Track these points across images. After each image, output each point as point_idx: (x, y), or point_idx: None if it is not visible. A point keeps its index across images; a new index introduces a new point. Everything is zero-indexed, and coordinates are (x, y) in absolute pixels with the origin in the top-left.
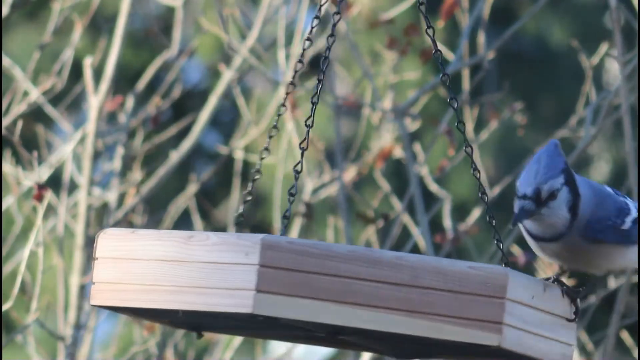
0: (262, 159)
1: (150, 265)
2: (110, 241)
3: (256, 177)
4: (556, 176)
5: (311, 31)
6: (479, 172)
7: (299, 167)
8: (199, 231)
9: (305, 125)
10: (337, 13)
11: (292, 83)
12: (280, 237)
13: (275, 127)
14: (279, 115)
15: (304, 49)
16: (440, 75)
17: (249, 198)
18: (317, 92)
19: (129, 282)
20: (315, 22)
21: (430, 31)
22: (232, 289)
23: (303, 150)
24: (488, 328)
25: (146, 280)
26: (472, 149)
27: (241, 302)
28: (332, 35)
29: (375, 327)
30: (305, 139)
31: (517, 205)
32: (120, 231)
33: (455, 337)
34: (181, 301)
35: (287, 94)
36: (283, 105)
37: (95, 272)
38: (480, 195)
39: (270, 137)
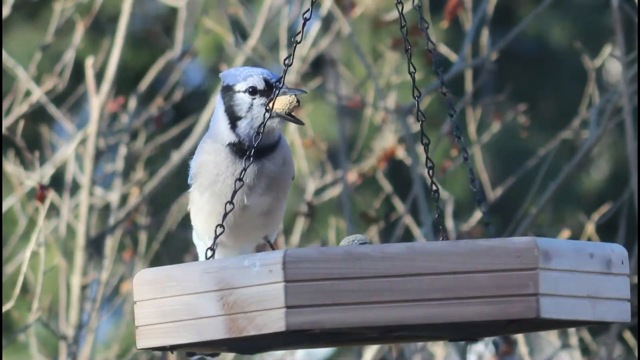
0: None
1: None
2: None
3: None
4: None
5: (301, 32)
6: (478, 179)
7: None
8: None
9: (284, 64)
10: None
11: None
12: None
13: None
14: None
15: (294, 49)
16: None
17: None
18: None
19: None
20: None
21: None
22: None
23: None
24: (525, 302)
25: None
26: (467, 158)
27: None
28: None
29: (416, 321)
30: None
31: (282, 89)
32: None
33: (493, 317)
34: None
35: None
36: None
37: (137, 315)
38: (476, 203)
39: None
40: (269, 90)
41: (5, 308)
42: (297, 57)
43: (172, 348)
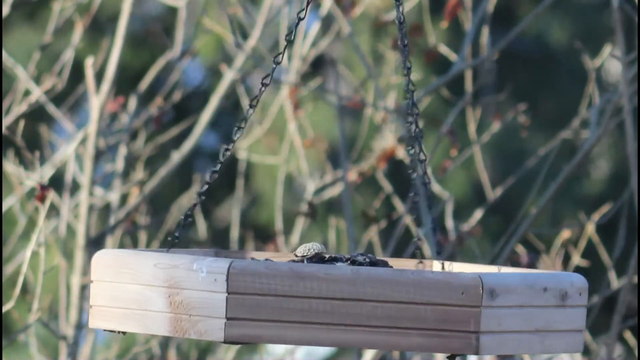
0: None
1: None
2: (102, 265)
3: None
4: None
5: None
6: (425, 155)
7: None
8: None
9: (262, 84)
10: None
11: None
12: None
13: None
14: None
15: (284, 48)
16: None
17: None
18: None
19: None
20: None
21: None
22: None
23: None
24: (465, 338)
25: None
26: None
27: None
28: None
29: (355, 346)
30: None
31: None
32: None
33: (432, 350)
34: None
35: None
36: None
37: (91, 294)
38: (420, 182)
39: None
40: None
41: (5, 308)
42: (297, 57)
43: (123, 332)
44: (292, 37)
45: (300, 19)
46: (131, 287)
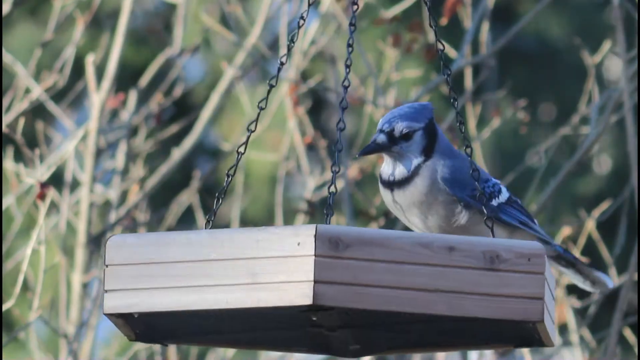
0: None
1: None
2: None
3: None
4: (416, 120)
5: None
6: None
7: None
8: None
9: (258, 107)
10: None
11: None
12: None
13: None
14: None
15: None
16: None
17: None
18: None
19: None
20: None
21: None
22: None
23: (250, 132)
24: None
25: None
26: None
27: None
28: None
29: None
30: (255, 121)
31: (372, 138)
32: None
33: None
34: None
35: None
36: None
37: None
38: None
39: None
40: (392, 142)
41: (5, 307)
42: (298, 54)
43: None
44: (295, 41)
45: (301, 23)
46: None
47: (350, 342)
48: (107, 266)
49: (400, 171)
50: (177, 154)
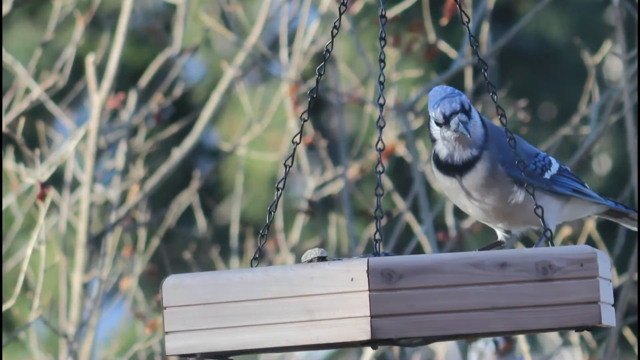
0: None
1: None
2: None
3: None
4: (462, 95)
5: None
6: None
7: (289, 162)
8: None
9: (301, 118)
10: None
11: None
12: None
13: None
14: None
15: (324, 63)
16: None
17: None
18: (316, 87)
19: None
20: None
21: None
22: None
23: (296, 144)
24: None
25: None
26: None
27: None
28: (336, 29)
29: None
30: (299, 133)
31: (452, 123)
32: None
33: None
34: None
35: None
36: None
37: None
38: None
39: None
40: (447, 123)
41: (6, 307)
42: (298, 54)
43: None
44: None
45: (328, 51)
46: None
47: (413, 340)
48: (165, 308)
49: (460, 155)
50: (177, 154)
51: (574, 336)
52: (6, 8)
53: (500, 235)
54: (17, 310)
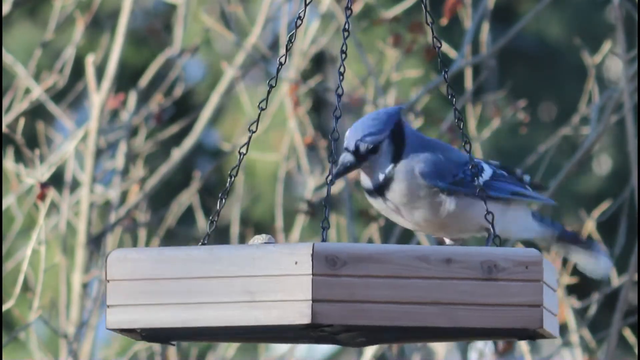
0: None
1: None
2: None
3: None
4: (380, 132)
5: (291, 38)
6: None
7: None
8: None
9: (258, 107)
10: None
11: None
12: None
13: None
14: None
15: (287, 49)
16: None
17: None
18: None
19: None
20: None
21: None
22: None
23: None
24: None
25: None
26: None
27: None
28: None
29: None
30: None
31: (341, 157)
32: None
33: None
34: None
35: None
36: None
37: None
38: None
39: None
40: (347, 150)
41: (6, 307)
42: (298, 54)
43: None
44: (291, 46)
45: (300, 19)
46: None
47: (356, 337)
48: (108, 281)
49: (375, 180)
50: (177, 154)
51: (574, 336)
52: (6, 8)
53: (449, 243)
54: (17, 310)
